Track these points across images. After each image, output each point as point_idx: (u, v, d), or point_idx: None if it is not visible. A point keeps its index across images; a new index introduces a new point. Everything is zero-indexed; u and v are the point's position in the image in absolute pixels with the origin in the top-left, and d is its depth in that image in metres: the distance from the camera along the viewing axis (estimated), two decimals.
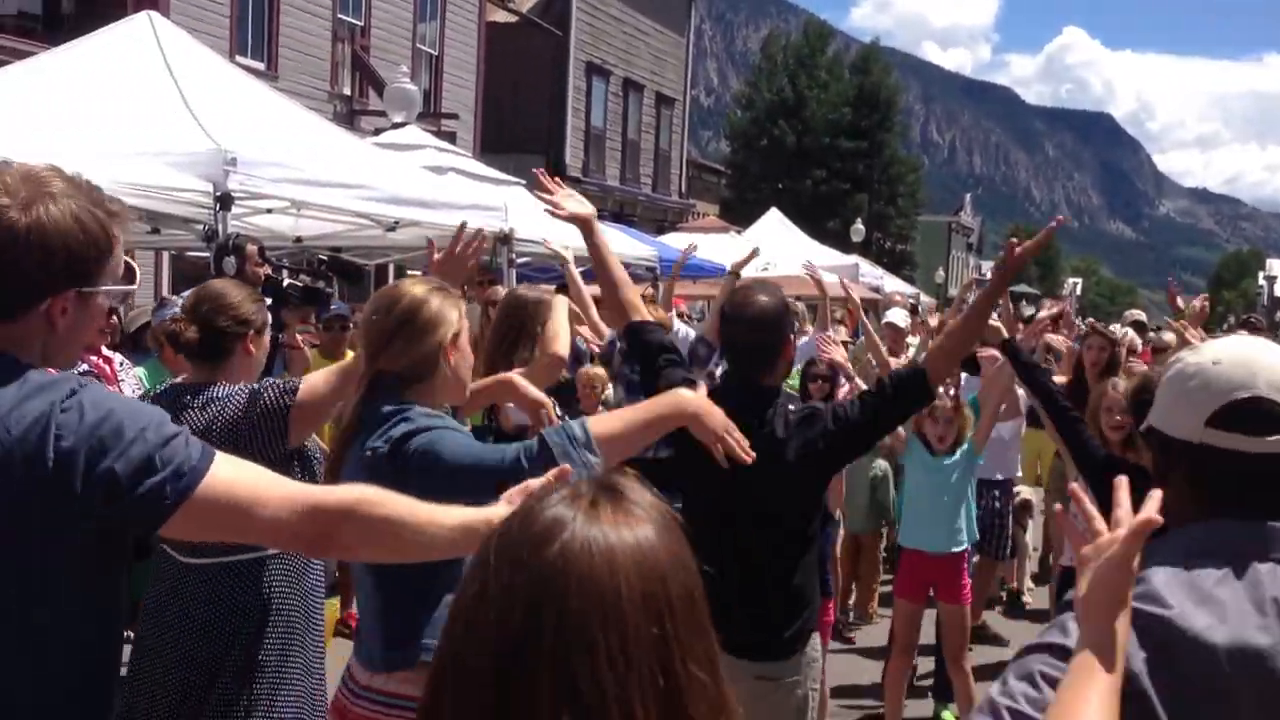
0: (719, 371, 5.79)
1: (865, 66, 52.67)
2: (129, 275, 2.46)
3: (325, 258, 8.55)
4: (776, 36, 56.00)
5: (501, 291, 8.97)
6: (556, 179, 3.85)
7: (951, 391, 5.83)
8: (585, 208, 3.77)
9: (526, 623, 1.09)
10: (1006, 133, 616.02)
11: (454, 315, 2.90)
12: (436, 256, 3.54)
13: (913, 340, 10.61)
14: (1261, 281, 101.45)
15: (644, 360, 3.78)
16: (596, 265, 3.82)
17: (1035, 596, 8.60)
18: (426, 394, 2.83)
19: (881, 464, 7.34)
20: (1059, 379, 6.37)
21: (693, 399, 2.86)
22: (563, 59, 26.48)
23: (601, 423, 2.68)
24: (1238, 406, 1.83)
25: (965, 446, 5.78)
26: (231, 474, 1.91)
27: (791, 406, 3.57)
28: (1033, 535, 9.17)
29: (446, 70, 22.52)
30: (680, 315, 10.46)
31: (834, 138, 48.69)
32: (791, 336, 3.68)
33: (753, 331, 3.50)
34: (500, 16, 25.76)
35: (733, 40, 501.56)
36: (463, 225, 3.75)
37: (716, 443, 2.78)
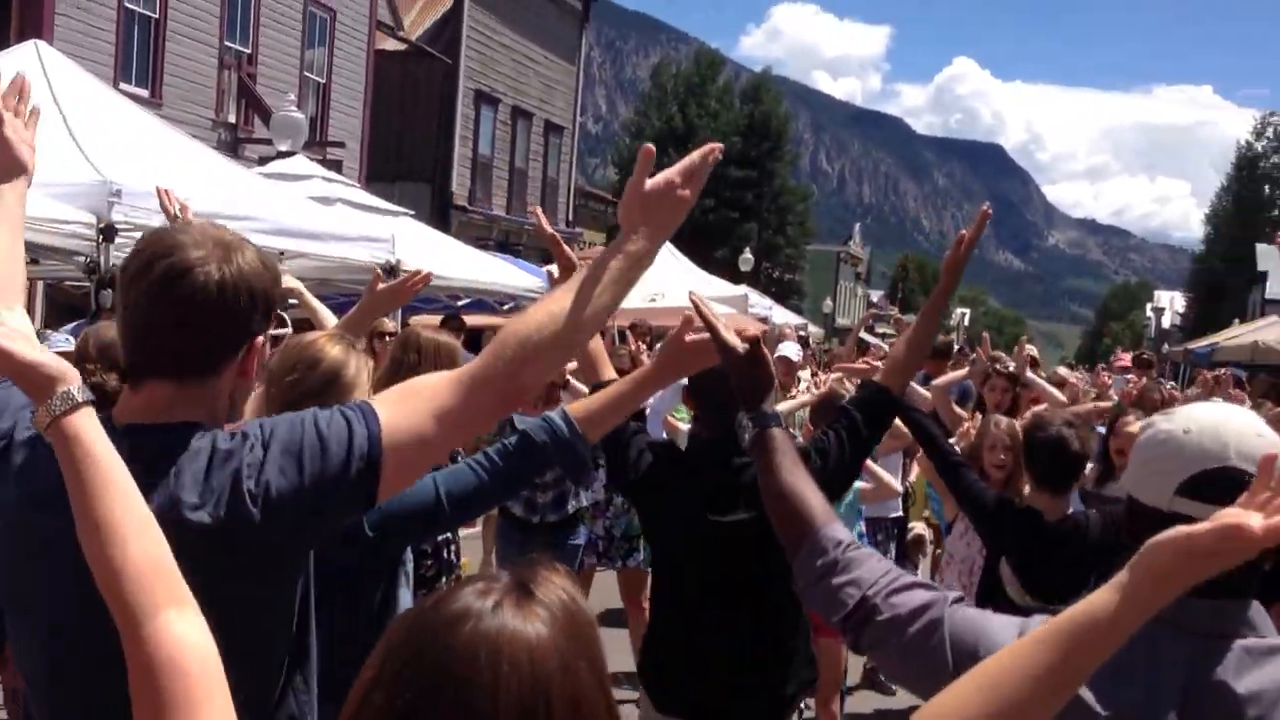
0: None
1: (756, 95, 53.36)
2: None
3: None
4: (666, 65, 56.58)
5: (388, 323, 9.03)
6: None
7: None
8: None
9: (410, 711, 1.10)
10: (896, 162, 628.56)
11: (365, 377, 2.90)
12: (381, 286, 3.58)
13: (803, 374, 10.83)
14: (1149, 313, 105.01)
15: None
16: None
17: None
18: None
19: None
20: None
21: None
22: (452, 87, 26.48)
23: (581, 406, 2.69)
24: (1208, 476, 1.83)
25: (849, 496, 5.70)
26: (397, 419, 1.89)
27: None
28: (924, 572, 9.26)
29: (334, 98, 22.41)
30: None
31: (723, 166, 49.12)
32: None
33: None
34: (389, 44, 25.71)
35: (622, 68, 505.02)
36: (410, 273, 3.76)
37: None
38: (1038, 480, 4.32)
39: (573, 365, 6.25)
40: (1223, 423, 1.89)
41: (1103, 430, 6.23)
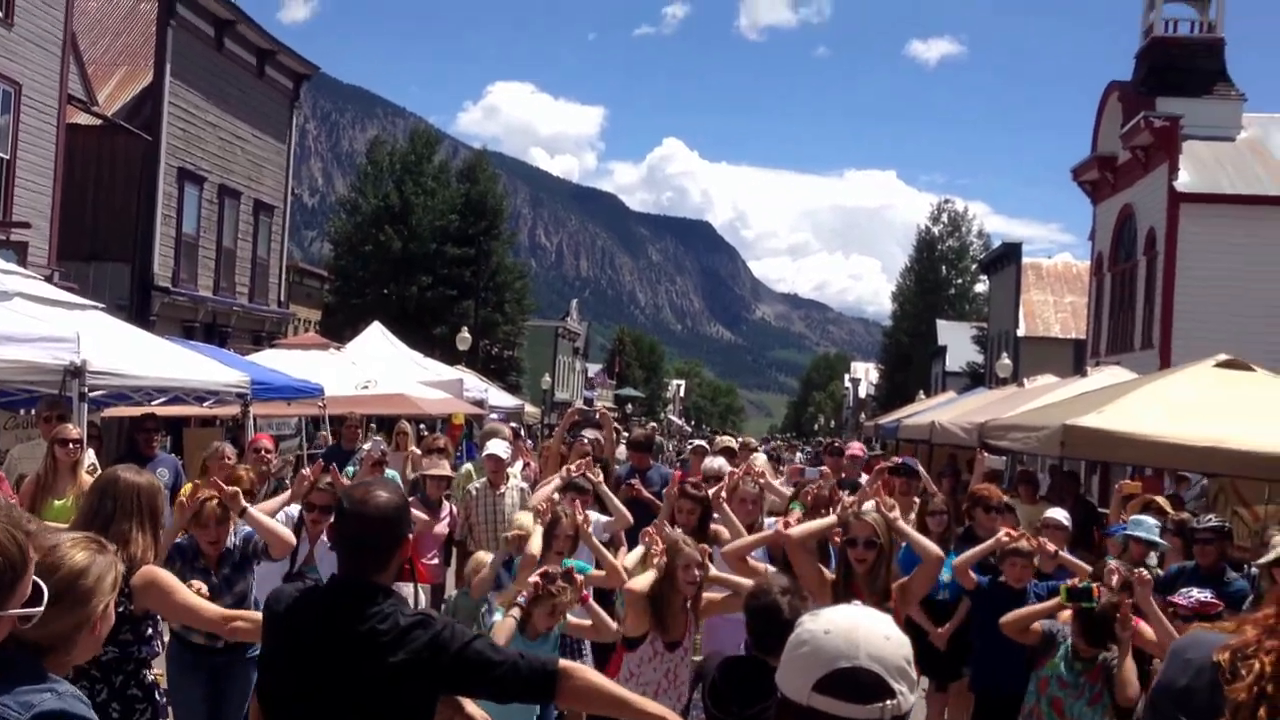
0: None
1: (472, 174, 53.57)
2: (36, 596, 2.31)
3: None
4: (382, 143, 56.11)
5: (71, 430, 8.48)
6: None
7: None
8: None
9: None
10: (612, 237, 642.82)
11: (109, 582, 2.81)
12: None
13: (513, 470, 10.86)
14: (847, 383, 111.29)
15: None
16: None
17: None
18: (60, 665, 2.65)
19: None
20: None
21: None
22: (152, 164, 25.37)
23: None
24: (841, 675, 2.00)
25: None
26: None
27: (404, 611, 3.42)
28: None
29: (20, 175, 21.03)
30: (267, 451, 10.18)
31: (441, 244, 49.07)
32: (410, 537, 3.59)
33: (370, 528, 3.39)
34: (83, 119, 24.43)
35: (339, 141, 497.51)
36: None
37: None
38: (755, 643, 4.50)
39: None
40: (856, 626, 2.05)
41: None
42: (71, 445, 8.40)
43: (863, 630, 2.04)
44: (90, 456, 9.34)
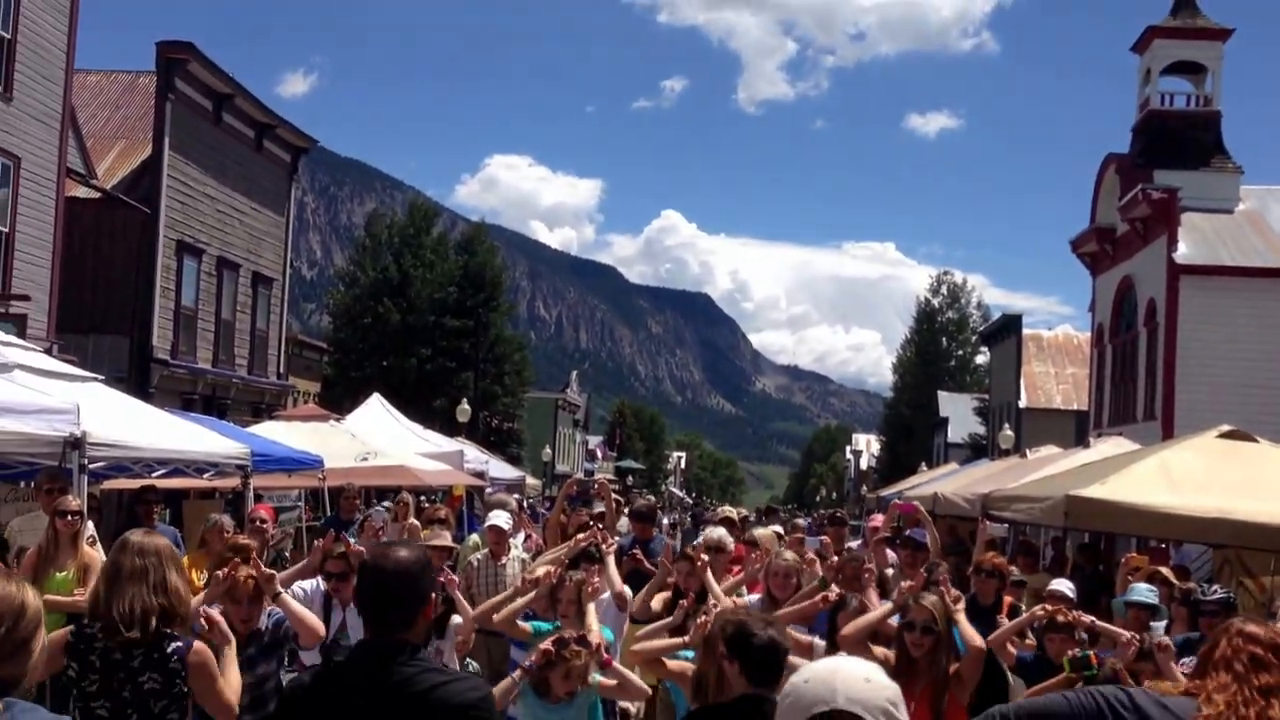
0: None
1: (471, 246, 53.90)
2: None
3: None
4: (380, 215, 56.60)
5: (71, 501, 8.42)
6: None
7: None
8: None
9: None
10: (611, 309, 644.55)
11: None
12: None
13: (515, 540, 10.78)
14: (849, 455, 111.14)
15: None
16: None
17: None
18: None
19: None
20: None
21: None
22: (151, 236, 25.49)
23: None
24: (819, 719, 2.11)
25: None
26: None
27: (443, 670, 3.46)
28: None
29: (18, 248, 21.10)
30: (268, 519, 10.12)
31: (439, 316, 49.26)
32: (434, 596, 3.63)
33: (391, 584, 3.39)
34: (81, 192, 24.59)
35: (337, 214, 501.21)
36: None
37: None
38: (748, 681, 4.42)
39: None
40: (834, 671, 2.18)
41: None
42: (71, 516, 8.35)
43: (841, 675, 2.15)
44: (90, 528, 9.28)
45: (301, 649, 6.38)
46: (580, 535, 8.14)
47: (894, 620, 5.83)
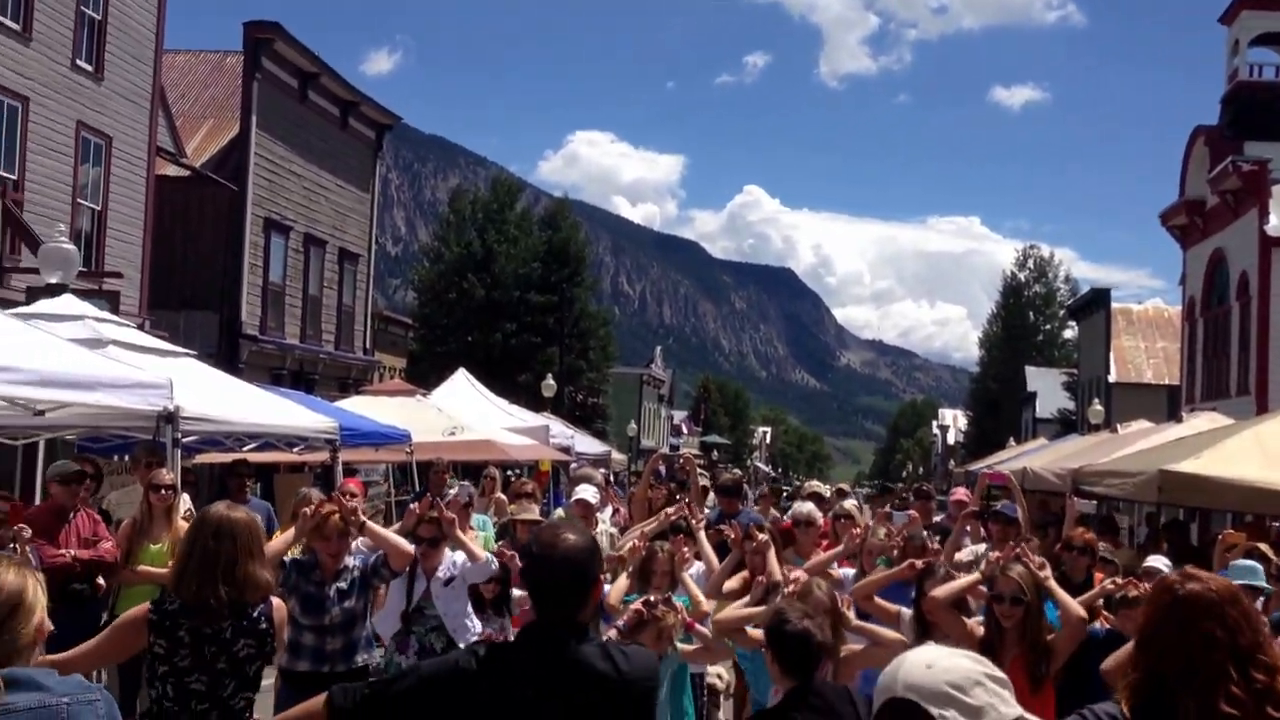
0: None
1: (554, 221, 53.91)
2: None
3: None
4: (464, 192, 56.74)
5: (165, 475, 8.57)
6: None
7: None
8: None
9: None
10: (695, 285, 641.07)
11: (41, 596, 2.99)
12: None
13: (603, 515, 10.78)
14: (935, 430, 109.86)
15: None
16: None
17: None
18: None
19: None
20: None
21: None
22: (239, 214, 25.91)
23: None
24: (884, 708, 2.16)
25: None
26: None
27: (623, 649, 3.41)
28: (728, 714, 9.02)
29: (111, 226, 21.59)
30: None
31: (524, 291, 49.38)
32: (602, 577, 3.63)
33: (560, 573, 3.35)
34: (171, 170, 25.05)
35: (421, 190, 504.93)
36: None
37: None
38: (783, 670, 4.38)
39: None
40: (902, 660, 2.19)
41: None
42: (165, 490, 8.51)
43: (906, 663, 2.17)
44: (186, 501, 9.47)
45: (392, 574, 6.72)
46: (669, 509, 8.09)
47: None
